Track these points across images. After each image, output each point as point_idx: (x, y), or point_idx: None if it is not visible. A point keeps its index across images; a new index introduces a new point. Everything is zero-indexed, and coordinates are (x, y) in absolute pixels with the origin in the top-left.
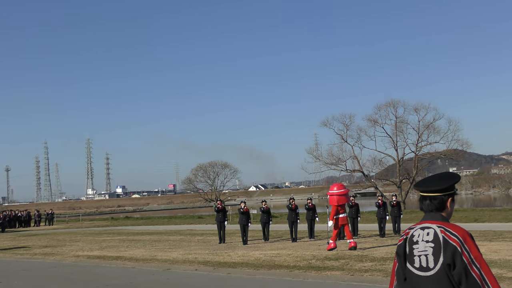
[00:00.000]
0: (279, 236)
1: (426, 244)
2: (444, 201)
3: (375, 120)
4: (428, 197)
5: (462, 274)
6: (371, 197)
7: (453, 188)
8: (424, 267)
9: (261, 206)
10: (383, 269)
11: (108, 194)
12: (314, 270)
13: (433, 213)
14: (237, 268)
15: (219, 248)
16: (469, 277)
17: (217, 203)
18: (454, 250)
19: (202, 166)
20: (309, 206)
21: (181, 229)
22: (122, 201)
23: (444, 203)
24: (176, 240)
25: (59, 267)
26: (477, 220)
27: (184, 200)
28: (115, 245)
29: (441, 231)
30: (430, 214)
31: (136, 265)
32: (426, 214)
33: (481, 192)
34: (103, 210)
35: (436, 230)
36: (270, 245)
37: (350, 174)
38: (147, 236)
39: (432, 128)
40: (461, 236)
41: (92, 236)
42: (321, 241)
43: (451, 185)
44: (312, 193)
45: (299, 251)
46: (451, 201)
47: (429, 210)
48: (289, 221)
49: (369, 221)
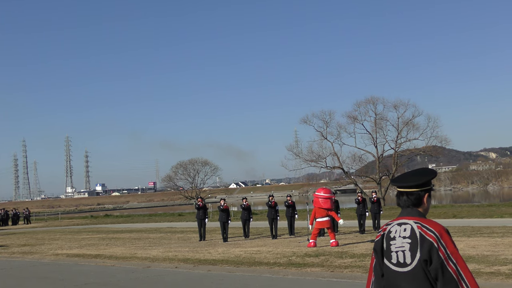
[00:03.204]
0: (260, 233)
1: (403, 240)
2: (420, 197)
3: (355, 117)
4: (405, 193)
5: (438, 270)
6: (351, 193)
7: (429, 183)
8: (401, 263)
9: (242, 203)
10: (363, 265)
11: (87, 192)
12: (294, 266)
13: (410, 208)
14: (218, 266)
15: (199, 245)
16: (446, 272)
17: (197, 200)
18: (431, 246)
19: (182, 163)
20: (288, 203)
21: (161, 227)
22: (101, 199)
23: (421, 199)
24: (156, 238)
25: (38, 266)
26: (456, 216)
27: (164, 198)
28: (95, 243)
29: (418, 227)
30: (407, 210)
31: (116, 263)
32: (403, 210)
33: (459, 188)
34: (82, 208)
35: (413, 226)
36: (251, 242)
37: (330, 171)
38: (127, 234)
39: (411, 125)
40: (438, 232)
41: (71, 234)
42: (301, 237)
43: (428, 180)
44: (292, 190)
45: (279, 248)
46: (428, 196)
47: (406, 205)
48: (269, 218)
49: (349, 217)
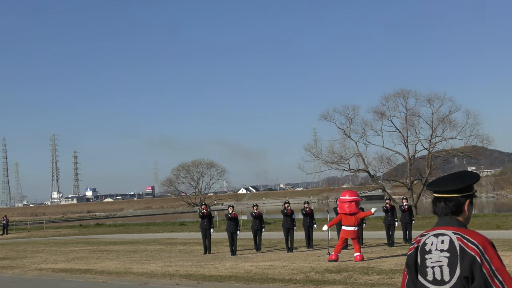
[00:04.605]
0: (273, 245)
1: (440, 253)
2: (461, 204)
3: (383, 113)
4: (443, 199)
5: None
6: (378, 200)
7: (471, 188)
8: (438, 280)
9: (252, 211)
10: (392, 283)
11: (76, 198)
12: (312, 284)
13: (448, 217)
14: (225, 282)
15: (204, 259)
16: None
17: (201, 207)
18: (473, 261)
19: (185, 165)
20: (306, 211)
21: (160, 238)
22: (92, 206)
23: (461, 206)
24: (155, 250)
25: (19, 282)
26: (500, 227)
27: (164, 205)
28: (84, 257)
29: (457, 239)
30: (444, 219)
31: (108, 279)
32: (440, 219)
33: (503, 195)
34: (70, 216)
35: (452, 237)
36: (263, 256)
37: (354, 174)
38: (121, 246)
39: (447, 121)
40: (481, 245)
41: (57, 246)
42: (320, 251)
43: (469, 185)
44: (311, 196)
45: (295, 262)
46: (469, 203)
47: (443, 213)
48: (284, 228)
49: (376, 228)
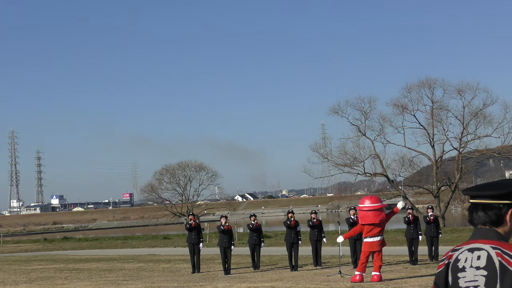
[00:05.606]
0: (274, 263)
1: (476, 271)
2: (502, 213)
3: (404, 106)
4: (482, 206)
5: None
6: None
7: None
8: None
9: (250, 223)
10: None
11: (39, 207)
12: None
13: (487, 229)
14: None
15: (192, 279)
16: None
17: (189, 218)
18: None
19: (169, 168)
20: (313, 223)
21: (140, 254)
22: (59, 217)
23: (502, 216)
24: (134, 269)
25: None
26: None
27: (145, 215)
28: (49, 276)
29: (497, 254)
30: (482, 230)
31: None
32: (476, 230)
33: None
34: (32, 228)
35: (490, 252)
36: (262, 276)
37: (370, 179)
38: (94, 263)
39: (482, 116)
40: None
41: (17, 264)
42: (330, 269)
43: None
44: (318, 204)
45: (300, 283)
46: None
47: (481, 223)
48: (287, 243)
49: (396, 242)
